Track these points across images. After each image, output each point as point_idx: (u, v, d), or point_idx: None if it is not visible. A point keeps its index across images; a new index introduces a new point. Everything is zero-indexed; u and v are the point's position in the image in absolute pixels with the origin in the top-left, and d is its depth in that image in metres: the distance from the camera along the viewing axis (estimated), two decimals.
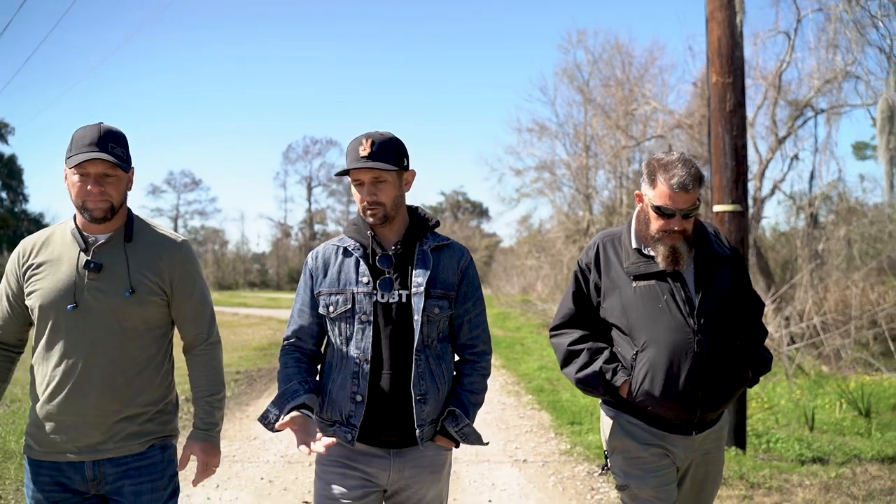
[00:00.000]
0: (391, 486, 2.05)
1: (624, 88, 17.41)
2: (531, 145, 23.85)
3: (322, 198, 57.69)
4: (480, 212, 59.19)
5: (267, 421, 2.00)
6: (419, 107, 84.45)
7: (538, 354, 11.06)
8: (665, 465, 2.22)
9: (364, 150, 1.98)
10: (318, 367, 2.14)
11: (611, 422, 2.29)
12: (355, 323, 2.01)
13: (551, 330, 2.40)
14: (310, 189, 54.95)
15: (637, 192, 2.28)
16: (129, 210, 2.10)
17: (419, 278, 2.01)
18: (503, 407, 7.32)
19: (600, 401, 2.36)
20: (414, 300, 1.99)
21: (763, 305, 2.41)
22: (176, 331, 2.18)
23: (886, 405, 6.98)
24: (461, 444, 2.08)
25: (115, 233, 2.04)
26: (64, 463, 1.98)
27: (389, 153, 2.01)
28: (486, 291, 33.30)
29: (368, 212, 2.02)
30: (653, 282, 2.18)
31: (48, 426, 1.97)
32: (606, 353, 2.22)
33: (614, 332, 2.25)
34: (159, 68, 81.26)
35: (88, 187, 1.95)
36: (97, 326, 1.96)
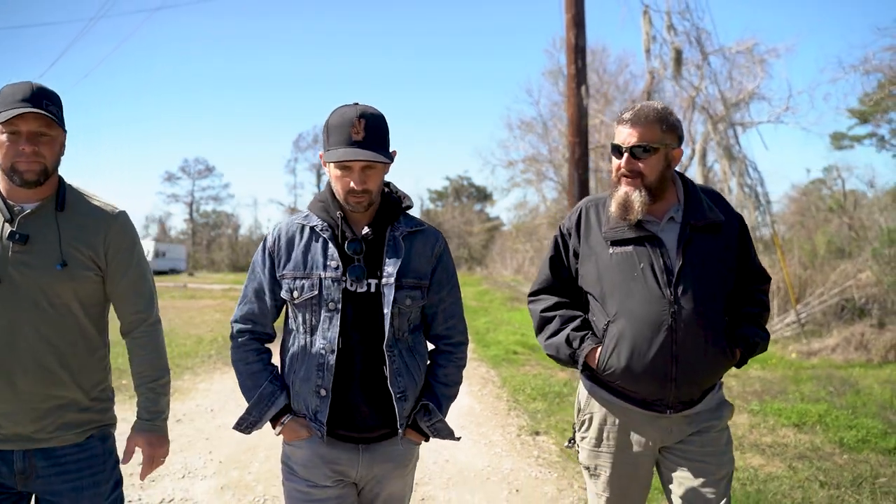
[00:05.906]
0: (360, 482, 1.95)
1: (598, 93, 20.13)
2: (521, 140, 26.60)
3: None
4: (484, 196, 61.59)
5: (244, 426, 1.89)
6: (425, 93, 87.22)
7: (492, 316, 14.27)
8: (628, 455, 2.10)
9: (358, 134, 1.79)
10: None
11: (586, 394, 2.19)
12: (322, 311, 1.84)
13: (529, 295, 2.30)
14: (319, 175, 56.99)
15: None
16: (60, 177, 1.88)
17: (390, 268, 1.85)
18: None
19: (580, 372, 2.22)
20: (385, 291, 1.84)
21: (768, 280, 2.21)
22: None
23: None
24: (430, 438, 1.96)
25: (45, 201, 1.81)
26: None
27: (382, 138, 1.85)
28: (481, 273, 35.61)
29: (352, 199, 1.84)
30: (630, 248, 2.02)
31: None
32: (577, 322, 2.11)
33: (591, 300, 2.13)
34: (172, 59, 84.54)
35: (20, 147, 1.73)
36: (23, 304, 1.75)
